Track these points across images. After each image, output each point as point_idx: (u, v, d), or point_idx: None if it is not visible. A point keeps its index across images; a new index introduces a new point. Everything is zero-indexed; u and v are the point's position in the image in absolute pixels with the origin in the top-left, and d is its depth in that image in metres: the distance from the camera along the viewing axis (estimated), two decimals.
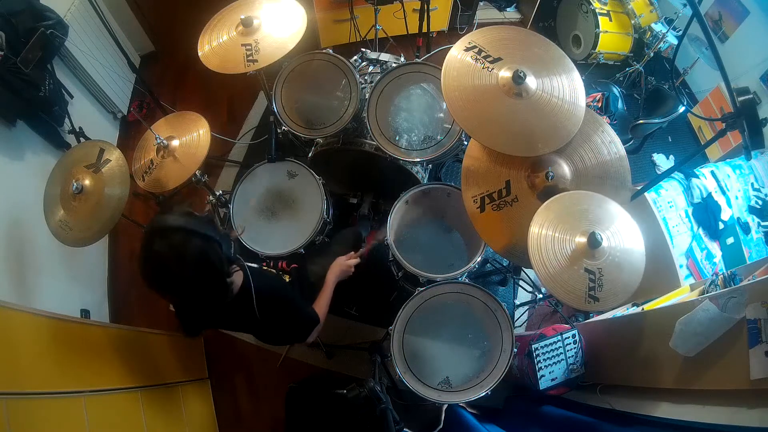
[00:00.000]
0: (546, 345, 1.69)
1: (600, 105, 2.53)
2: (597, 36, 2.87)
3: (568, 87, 1.42)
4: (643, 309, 1.70)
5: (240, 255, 1.25)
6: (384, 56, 2.12)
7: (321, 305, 1.55)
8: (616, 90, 2.59)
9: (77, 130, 2.29)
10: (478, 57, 1.42)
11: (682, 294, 1.68)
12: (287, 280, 1.70)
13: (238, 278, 1.24)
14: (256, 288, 1.25)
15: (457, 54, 1.42)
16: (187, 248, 1.06)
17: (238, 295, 1.24)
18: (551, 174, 1.45)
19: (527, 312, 2.45)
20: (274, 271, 1.69)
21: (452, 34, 3.31)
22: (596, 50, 2.93)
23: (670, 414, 1.36)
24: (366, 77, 2.03)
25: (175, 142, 1.84)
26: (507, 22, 3.40)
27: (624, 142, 1.57)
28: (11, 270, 1.83)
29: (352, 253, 1.74)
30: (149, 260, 1.06)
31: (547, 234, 1.35)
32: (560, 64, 1.46)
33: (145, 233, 1.08)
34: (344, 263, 1.67)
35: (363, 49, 2.19)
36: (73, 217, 1.73)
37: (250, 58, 1.79)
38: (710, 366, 1.26)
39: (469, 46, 1.43)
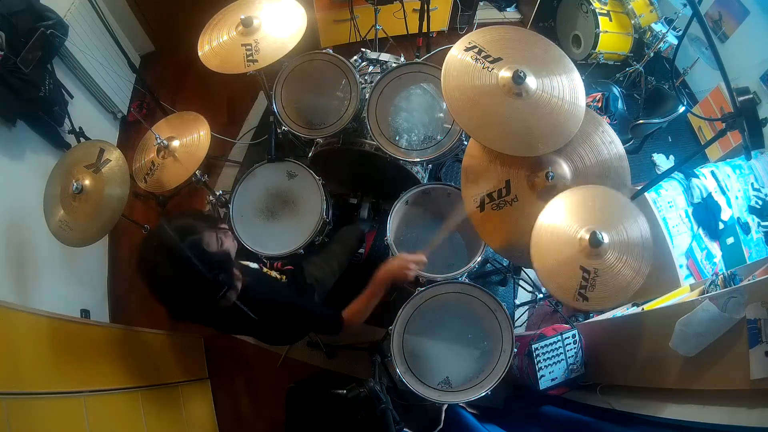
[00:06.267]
0: (546, 345, 1.69)
1: (600, 105, 2.53)
2: (597, 36, 2.87)
3: (568, 87, 1.42)
4: (643, 309, 1.70)
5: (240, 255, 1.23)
6: (384, 56, 2.12)
7: (355, 307, 1.42)
8: (616, 90, 2.59)
9: (77, 130, 2.29)
10: (478, 57, 1.41)
11: (682, 294, 1.68)
12: (284, 280, 1.68)
13: (233, 294, 1.23)
14: (253, 297, 1.23)
15: (457, 54, 1.42)
16: (179, 270, 1.03)
17: (233, 305, 1.22)
18: (551, 174, 1.45)
19: (527, 312, 2.45)
20: (274, 273, 1.66)
21: (452, 34, 3.31)
22: (596, 50, 2.92)
23: (670, 414, 1.36)
24: (366, 77, 2.03)
25: (176, 143, 1.84)
26: (507, 22, 3.40)
27: (624, 142, 1.57)
28: (11, 270, 1.83)
29: (420, 255, 1.48)
30: (145, 269, 1.06)
31: (553, 226, 1.35)
32: (560, 64, 1.46)
33: (146, 242, 1.08)
34: (406, 259, 1.45)
35: (363, 49, 2.19)
36: (73, 217, 1.73)
37: (250, 58, 1.79)
38: (710, 366, 1.26)
39: (469, 46, 1.43)
